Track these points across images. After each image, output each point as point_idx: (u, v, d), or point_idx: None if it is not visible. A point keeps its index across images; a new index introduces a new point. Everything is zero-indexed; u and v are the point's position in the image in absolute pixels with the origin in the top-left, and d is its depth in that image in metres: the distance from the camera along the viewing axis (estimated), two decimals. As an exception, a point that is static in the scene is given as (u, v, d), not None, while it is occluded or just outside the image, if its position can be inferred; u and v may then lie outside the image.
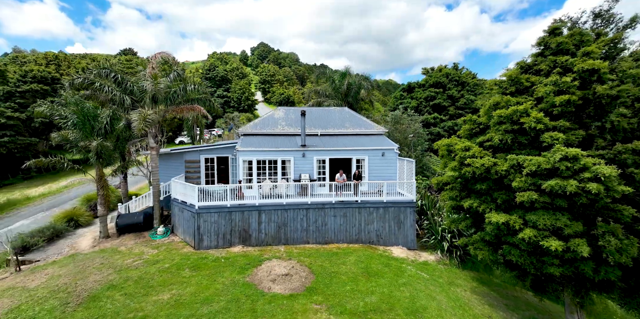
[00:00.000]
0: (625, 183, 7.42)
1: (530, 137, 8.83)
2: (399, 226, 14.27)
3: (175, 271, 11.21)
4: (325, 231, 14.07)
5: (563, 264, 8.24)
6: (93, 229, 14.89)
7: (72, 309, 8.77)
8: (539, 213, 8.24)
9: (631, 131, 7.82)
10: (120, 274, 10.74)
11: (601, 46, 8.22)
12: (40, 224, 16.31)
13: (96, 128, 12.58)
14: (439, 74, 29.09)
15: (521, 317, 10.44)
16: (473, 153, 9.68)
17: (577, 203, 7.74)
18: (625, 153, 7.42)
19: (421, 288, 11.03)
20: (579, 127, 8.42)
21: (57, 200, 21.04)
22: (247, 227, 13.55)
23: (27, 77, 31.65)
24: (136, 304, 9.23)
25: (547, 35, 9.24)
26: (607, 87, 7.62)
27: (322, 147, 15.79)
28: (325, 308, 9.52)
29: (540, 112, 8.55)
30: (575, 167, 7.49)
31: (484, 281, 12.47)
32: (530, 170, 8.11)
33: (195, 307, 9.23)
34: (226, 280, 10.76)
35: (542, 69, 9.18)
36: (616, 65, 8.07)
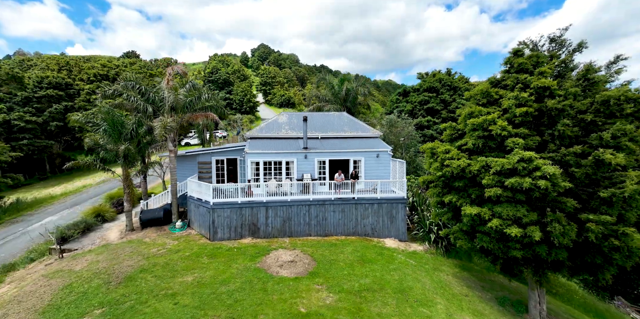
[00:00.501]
0: (568, 180, 9.05)
1: (498, 142, 10.46)
2: (391, 220, 15.93)
3: (195, 258, 12.89)
4: (326, 224, 15.73)
5: (523, 248, 9.87)
6: (117, 224, 16.58)
7: (114, 286, 10.45)
8: (504, 206, 9.87)
9: (575, 137, 9.44)
10: (149, 260, 12.42)
11: (553, 67, 9.85)
12: (66, 220, 18.01)
13: (123, 134, 14.24)
14: (433, 79, 30.74)
15: (494, 296, 12.09)
16: (452, 155, 11.34)
17: (532, 197, 9.38)
18: (568, 155, 9.05)
19: (409, 272, 12.68)
20: (536, 134, 10.05)
21: (78, 199, 22.73)
22: (256, 221, 15.23)
23: (43, 83, 33.39)
24: (165, 284, 10.90)
25: (512, 56, 10.90)
26: (555, 102, 9.26)
27: (322, 150, 17.46)
28: (325, 288, 11.18)
29: (505, 121, 10.19)
30: (530, 167, 9.12)
31: (465, 267, 14.12)
32: (496, 170, 9.73)
33: (215, 287, 10.89)
34: (240, 266, 12.43)
35: (508, 84, 10.83)
36: (563, 83, 9.68)
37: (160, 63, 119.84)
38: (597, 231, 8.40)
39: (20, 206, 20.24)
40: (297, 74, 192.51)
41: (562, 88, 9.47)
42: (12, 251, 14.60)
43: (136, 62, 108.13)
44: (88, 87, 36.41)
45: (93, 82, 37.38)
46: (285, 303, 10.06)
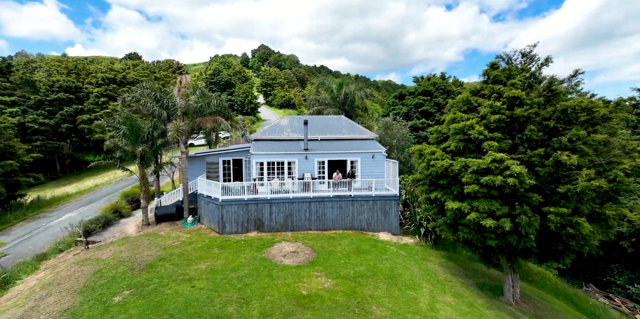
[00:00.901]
0: (534, 178, 10.43)
1: (476, 144, 11.84)
2: (385, 215, 17.32)
3: (206, 249, 14.28)
4: (325, 220, 17.11)
5: (497, 238, 11.24)
6: (133, 219, 17.97)
7: (137, 272, 11.84)
8: (481, 201, 11.24)
9: (541, 141, 10.80)
10: (166, 250, 13.81)
11: (522, 79, 11.22)
12: (84, 216, 19.40)
13: (140, 137, 15.61)
14: (427, 83, 32.10)
15: (475, 282, 13.47)
16: (437, 156, 12.72)
17: (504, 192, 10.75)
18: (534, 157, 10.42)
19: (399, 262, 14.06)
20: (509, 138, 11.42)
21: (92, 197, 24.11)
22: (261, 216, 16.61)
23: (55, 87, 34.77)
24: (182, 271, 12.28)
25: (489, 69, 12.28)
26: (523, 110, 10.64)
27: (321, 151, 18.85)
28: (324, 274, 12.56)
29: (482, 127, 11.57)
30: (501, 167, 10.49)
31: (451, 258, 15.49)
32: (474, 169, 11.11)
33: (226, 273, 12.27)
34: (247, 256, 13.81)
35: (485, 93, 12.21)
36: (531, 93, 11.02)
37: (163, 64, 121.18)
38: (556, 221, 9.78)
39: (40, 203, 21.63)
40: (297, 75, 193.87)
41: (529, 98, 10.85)
42: (39, 244, 15.99)
43: (139, 64, 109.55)
44: (97, 90, 37.80)
45: (101, 85, 38.77)
46: (289, 287, 11.45)
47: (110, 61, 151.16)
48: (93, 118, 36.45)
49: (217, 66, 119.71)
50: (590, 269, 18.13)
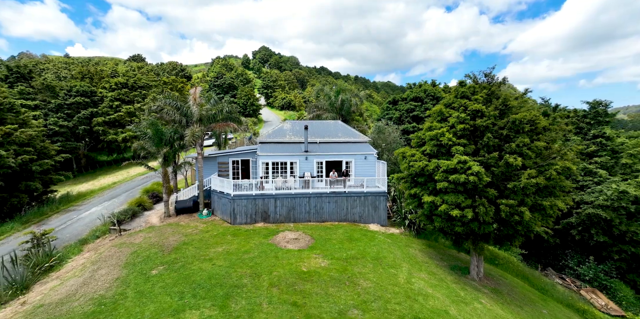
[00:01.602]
0: (491, 176, 12.84)
1: (446, 148, 14.25)
2: (375, 209, 19.73)
3: (221, 236, 16.68)
4: (322, 213, 19.51)
5: (463, 225, 13.64)
6: (155, 212, 20.35)
7: (167, 253, 14.24)
8: (449, 195, 13.64)
9: (497, 146, 13.22)
10: (187, 237, 16.21)
11: (484, 95, 13.63)
12: (109, 209, 21.76)
13: (163, 140, 17.98)
14: (419, 90, 34.50)
15: (448, 264, 15.88)
16: (416, 158, 15.13)
17: (467, 188, 13.17)
18: (490, 159, 12.83)
19: (385, 247, 16.46)
20: (472, 143, 13.84)
21: (113, 193, 26.48)
22: (267, 209, 19.02)
23: (72, 91, 37.12)
24: (203, 252, 14.68)
25: (458, 86, 14.70)
26: (482, 121, 13.06)
27: (320, 153, 21.25)
28: (321, 256, 14.95)
29: (451, 134, 13.99)
30: (465, 167, 12.91)
31: (431, 245, 17.91)
32: (444, 169, 13.51)
33: (239, 254, 14.66)
34: (256, 242, 16.21)
35: (455, 106, 14.63)
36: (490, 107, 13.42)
37: (167, 67, 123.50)
38: (505, 211, 12.20)
39: (69, 198, 23.97)
40: (298, 76, 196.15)
41: (488, 111, 13.27)
42: (75, 232, 18.36)
43: (144, 66, 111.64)
44: (110, 94, 40.15)
45: (115, 90, 41.14)
46: (292, 265, 13.85)
47: (114, 62, 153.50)
48: (107, 120, 38.82)
49: (220, 69, 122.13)
50: (550, 255, 20.55)
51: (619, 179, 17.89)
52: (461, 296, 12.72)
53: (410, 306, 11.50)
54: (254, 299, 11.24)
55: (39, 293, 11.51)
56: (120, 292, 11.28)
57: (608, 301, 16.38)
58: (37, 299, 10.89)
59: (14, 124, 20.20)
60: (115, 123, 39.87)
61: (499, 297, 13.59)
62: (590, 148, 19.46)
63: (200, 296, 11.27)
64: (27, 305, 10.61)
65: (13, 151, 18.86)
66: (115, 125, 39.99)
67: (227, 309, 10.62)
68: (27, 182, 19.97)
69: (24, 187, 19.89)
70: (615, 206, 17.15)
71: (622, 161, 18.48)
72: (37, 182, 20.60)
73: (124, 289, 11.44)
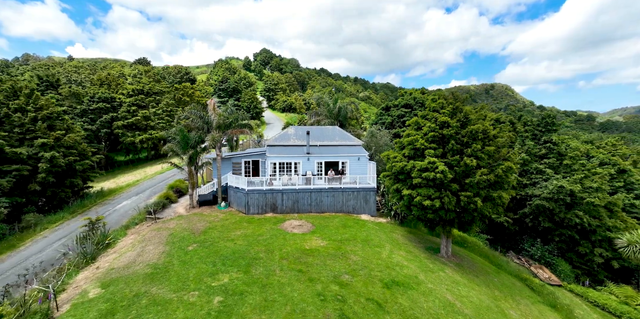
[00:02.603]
0: (454, 174, 16.19)
1: (420, 152, 17.63)
2: (366, 202, 23.08)
3: (238, 223, 20.00)
4: (322, 205, 22.84)
5: (433, 213, 16.98)
6: (180, 204, 23.66)
7: (197, 235, 17.57)
8: (422, 189, 16.99)
9: (460, 150, 16.55)
10: (211, 223, 19.54)
11: (450, 109, 16.99)
12: (137, 202, 25.08)
13: (189, 144, 21.29)
14: (409, 97, 37.84)
15: (424, 246, 19.22)
16: (397, 159, 18.50)
17: (436, 183, 16.52)
18: (453, 161, 16.19)
19: (373, 232, 19.78)
20: (441, 148, 17.19)
21: (138, 189, 29.79)
22: (275, 202, 22.35)
23: (95, 98, 40.44)
24: (225, 235, 17.99)
25: (430, 101, 18.06)
26: (449, 130, 16.41)
27: (320, 154, 24.58)
28: (320, 239, 18.27)
29: (424, 140, 17.35)
30: (434, 167, 16.25)
31: (412, 232, 21.25)
32: (418, 168, 16.86)
33: (255, 236, 17.97)
34: (267, 227, 19.53)
35: (429, 117, 18.01)
36: (453, 119, 16.75)
37: (172, 70, 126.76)
38: (464, 200, 15.54)
39: (103, 193, 27.29)
40: (298, 78, 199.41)
41: (453, 122, 16.62)
42: (114, 220, 21.60)
43: (150, 70, 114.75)
44: (128, 100, 43.45)
45: (132, 96, 44.45)
46: (297, 244, 17.17)
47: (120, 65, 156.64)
48: (126, 124, 42.12)
49: (223, 73, 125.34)
50: (511, 240, 23.91)
51: (561, 176, 21.24)
52: (430, 267, 16.09)
53: (389, 273, 14.85)
54: (269, 267, 14.58)
55: (105, 261, 14.84)
56: (168, 261, 14.64)
57: (550, 274, 19.74)
58: (107, 265, 14.22)
59: (61, 130, 23.48)
60: (132, 126, 43.16)
61: (460, 269, 16.95)
62: (542, 151, 22.88)
63: (228, 264, 14.61)
64: (100, 269, 13.94)
65: (62, 152, 22.15)
66: (132, 128, 43.30)
67: (249, 273, 13.97)
68: (71, 179, 23.25)
69: (69, 183, 23.17)
70: (556, 198, 20.51)
71: (565, 162, 21.87)
72: (78, 179, 23.90)
73: (170, 259, 14.79)
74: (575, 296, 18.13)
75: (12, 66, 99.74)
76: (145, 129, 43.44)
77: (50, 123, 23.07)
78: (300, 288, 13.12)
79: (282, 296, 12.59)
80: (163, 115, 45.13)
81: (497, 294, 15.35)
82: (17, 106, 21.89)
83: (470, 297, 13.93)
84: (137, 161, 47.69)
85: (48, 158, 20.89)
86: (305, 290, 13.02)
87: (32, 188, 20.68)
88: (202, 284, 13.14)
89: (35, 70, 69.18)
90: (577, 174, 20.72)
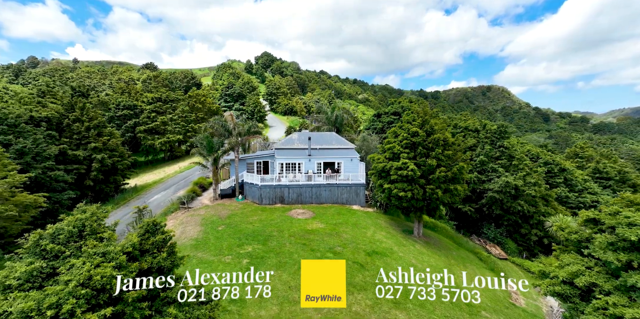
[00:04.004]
0: (422, 171, 20.83)
1: (397, 155, 22.27)
2: (357, 195, 27.69)
3: (254, 211, 24.58)
4: (320, 197, 27.43)
5: (407, 202, 21.63)
6: (204, 197, 28.25)
7: (223, 219, 22.18)
8: (399, 183, 21.59)
9: (426, 153, 21.17)
10: (232, 211, 24.14)
11: (420, 121, 21.62)
12: (166, 197, 29.66)
13: (213, 148, 25.89)
14: (398, 106, 42.46)
15: (401, 229, 23.84)
16: (380, 161, 23.15)
17: (408, 178, 21.17)
18: (421, 161, 20.81)
19: (361, 218, 24.36)
20: (412, 152, 21.83)
21: (164, 186, 34.37)
22: (283, 195, 26.95)
23: (120, 106, 45.04)
24: (245, 219, 22.59)
25: (404, 114, 22.72)
26: (417, 138, 21.02)
27: (319, 156, 29.18)
28: (319, 222, 22.86)
29: (400, 146, 22.00)
30: (406, 166, 20.91)
31: (393, 219, 25.87)
32: (395, 167, 21.52)
33: (268, 221, 22.55)
34: (278, 214, 24.12)
35: (404, 128, 22.65)
36: (422, 129, 21.37)
37: (179, 75, 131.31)
38: (429, 192, 20.18)
39: (137, 189, 31.87)
40: (298, 81, 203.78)
41: (421, 131, 21.26)
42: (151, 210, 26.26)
43: (159, 75, 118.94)
44: (148, 107, 48.06)
45: (151, 103, 49.06)
46: (301, 226, 21.76)
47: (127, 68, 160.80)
48: (147, 129, 46.70)
49: (228, 77, 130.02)
50: (474, 226, 28.59)
51: (510, 174, 25.93)
52: (403, 243, 20.73)
53: (371, 246, 19.48)
54: (280, 242, 19.19)
55: (158, 237, 19.48)
56: (205, 236, 19.26)
57: (501, 251, 24.37)
58: (161, 239, 18.85)
59: (106, 135, 28.05)
60: (152, 131, 47.72)
61: (427, 245, 21.59)
62: (497, 154, 27.59)
63: (250, 239, 19.23)
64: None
65: (108, 154, 26.70)
66: (152, 132, 47.86)
67: (266, 245, 18.58)
68: (114, 176, 27.82)
69: (112, 179, 27.73)
70: (504, 191, 25.16)
71: (514, 162, 26.54)
72: (119, 176, 28.46)
73: (206, 235, 19.42)
74: (516, 265, 22.80)
75: (25, 71, 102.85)
76: (163, 133, 48.00)
77: (98, 130, 27.62)
78: (304, 255, 17.73)
79: (291, 260, 17.20)
80: (179, 120, 49.68)
81: (452, 262, 20.00)
82: (75, 117, 26.48)
83: (430, 262, 18.59)
84: (155, 162, 52.18)
85: (99, 159, 25.47)
86: (308, 256, 17.63)
87: (87, 183, 25.21)
88: (233, 252, 17.77)
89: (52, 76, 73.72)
90: (522, 172, 25.40)
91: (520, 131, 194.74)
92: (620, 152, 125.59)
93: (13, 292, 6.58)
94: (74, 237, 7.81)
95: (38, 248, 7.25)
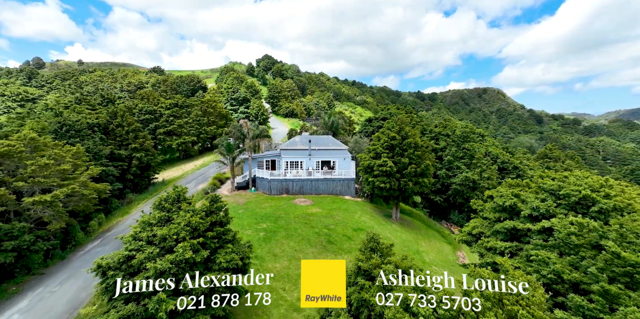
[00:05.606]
0: (398, 167, 26.23)
1: (379, 155, 27.68)
2: (348, 188, 33.09)
3: (265, 200, 29.95)
4: (319, 189, 32.80)
5: (387, 192, 27.08)
6: (223, 189, 33.54)
7: (241, 205, 27.52)
8: (380, 177, 26.95)
9: (402, 153, 26.55)
10: (248, 199, 29.50)
11: (397, 128, 27.01)
12: (191, 189, 34.98)
13: (232, 149, 31.19)
14: (387, 112, 47.87)
15: (383, 214, 29.26)
16: (366, 159, 28.59)
17: (388, 173, 26.59)
18: (397, 160, 26.23)
19: (351, 206, 29.72)
20: (391, 152, 27.25)
21: (185, 180, 39.66)
22: (288, 187, 32.33)
23: (142, 111, 50.29)
24: (259, 206, 27.94)
25: (386, 122, 28.16)
26: (395, 141, 26.37)
27: (318, 155, 34.58)
28: (318, 208, 28.22)
29: (381, 147, 27.42)
30: (386, 163, 26.34)
31: (377, 207, 31.29)
32: (377, 164, 26.95)
33: (277, 206, 27.86)
34: (284, 202, 29.49)
35: (385, 133, 28.10)
36: (399, 133, 26.74)
37: (185, 79, 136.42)
38: (402, 184, 25.58)
39: (164, 183, 37.17)
40: (299, 84, 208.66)
41: (399, 136, 26.70)
42: (181, 199, 31.58)
43: (167, 79, 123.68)
44: (167, 112, 53.30)
45: (169, 108, 54.34)
46: (303, 211, 27.11)
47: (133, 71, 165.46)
48: (166, 131, 51.96)
49: (232, 82, 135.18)
50: (444, 213, 33.98)
51: (470, 170, 31.38)
52: (382, 223, 26.17)
53: (357, 225, 24.88)
54: (288, 221, 24.58)
55: (193, 217, 24.86)
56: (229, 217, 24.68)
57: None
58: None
59: (142, 138, 33.30)
60: (170, 133, 52.95)
61: (401, 226, 27.02)
62: (461, 154, 33.06)
63: (264, 219, 24.61)
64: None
65: (144, 153, 31.97)
66: (170, 134, 53.09)
67: (277, 223, 23.96)
68: (148, 172, 33.07)
69: (146, 174, 32.97)
70: (464, 184, 30.57)
71: (474, 161, 32.01)
72: (152, 172, 33.72)
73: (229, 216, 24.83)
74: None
75: (37, 74, 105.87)
76: (180, 135, 53.20)
77: (135, 134, 32.83)
78: (305, 230, 23.13)
79: (296, 233, 22.59)
80: (193, 124, 54.88)
81: (419, 237, 25.45)
82: (118, 123, 31.71)
83: (401, 236, 24.03)
84: (172, 160, 57.38)
85: (138, 157, 30.77)
86: (309, 231, 23.04)
87: (128, 177, 30.45)
88: (252, 227, 23.18)
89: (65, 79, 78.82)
90: (479, 168, 30.77)
91: (513, 132, 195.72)
92: (607, 153, 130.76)
93: (153, 227, 12.06)
94: (175, 201, 13.26)
95: (160, 205, 12.69)
